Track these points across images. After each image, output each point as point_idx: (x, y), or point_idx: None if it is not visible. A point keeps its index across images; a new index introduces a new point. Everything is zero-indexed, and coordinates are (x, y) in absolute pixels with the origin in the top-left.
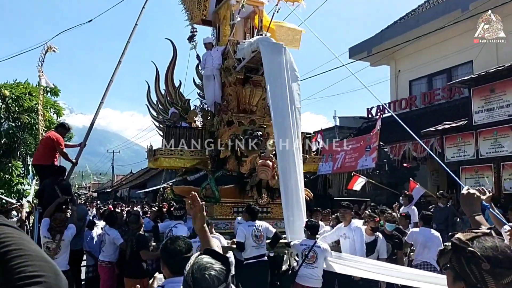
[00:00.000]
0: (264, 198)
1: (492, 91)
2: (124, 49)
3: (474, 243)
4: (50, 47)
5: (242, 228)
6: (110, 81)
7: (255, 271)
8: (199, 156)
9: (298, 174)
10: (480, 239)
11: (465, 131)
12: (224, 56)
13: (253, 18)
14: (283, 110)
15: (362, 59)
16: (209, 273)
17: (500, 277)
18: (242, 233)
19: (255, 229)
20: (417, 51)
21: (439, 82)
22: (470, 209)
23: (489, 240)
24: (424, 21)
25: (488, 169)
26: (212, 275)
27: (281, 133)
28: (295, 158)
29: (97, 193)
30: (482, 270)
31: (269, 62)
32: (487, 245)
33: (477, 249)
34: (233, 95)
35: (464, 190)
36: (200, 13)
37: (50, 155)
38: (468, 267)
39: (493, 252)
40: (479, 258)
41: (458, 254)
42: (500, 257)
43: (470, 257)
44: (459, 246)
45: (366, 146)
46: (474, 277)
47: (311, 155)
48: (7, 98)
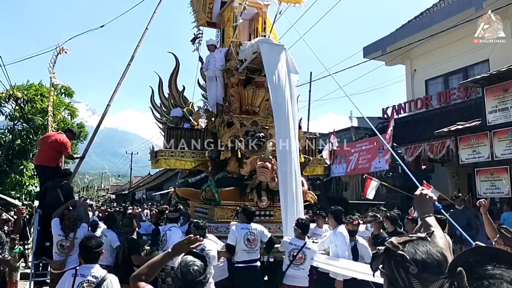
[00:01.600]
0: (264, 200)
1: (506, 90)
2: (133, 53)
3: (406, 247)
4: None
5: (234, 231)
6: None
7: (245, 276)
8: (200, 158)
9: (297, 176)
10: (413, 243)
11: (479, 132)
12: (227, 57)
13: (257, 19)
14: (283, 111)
15: (377, 58)
16: (192, 268)
17: (428, 282)
18: (234, 235)
19: (248, 232)
20: (433, 50)
21: (455, 81)
22: (422, 210)
23: (422, 244)
24: (438, 20)
25: (504, 171)
26: (195, 269)
27: (282, 133)
28: (294, 159)
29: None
30: (410, 274)
31: (269, 63)
32: (418, 249)
33: (407, 253)
34: (235, 96)
35: (417, 191)
36: (205, 16)
37: (55, 158)
38: (397, 271)
39: (422, 256)
40: (407, 261)
41: (389, 258)
42: (428, 261)
43: (400, 260)
44: (390, 249)
45: (379, 148)
46: (402, 281)
47: (317, 156)
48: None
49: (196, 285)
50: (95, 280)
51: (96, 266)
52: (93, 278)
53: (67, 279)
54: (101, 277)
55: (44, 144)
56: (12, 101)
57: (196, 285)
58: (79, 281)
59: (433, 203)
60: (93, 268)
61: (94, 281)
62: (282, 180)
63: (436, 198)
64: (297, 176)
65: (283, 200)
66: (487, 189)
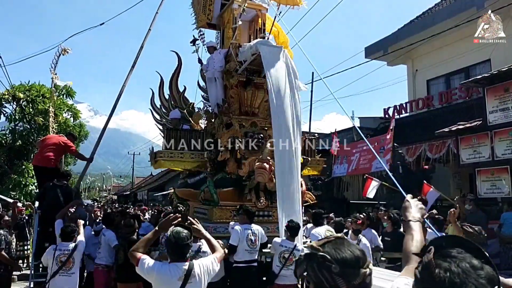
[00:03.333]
0: (262, 201)
1: (507, 90)
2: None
3: (325, 248)
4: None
5: (237, 231)
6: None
7: (244, 275)
8: (199, 159)
9: (296, 176)
10: (332, 243)
11: (480, 132)
12: (227, 59)
13: (256, 21)
14: (282, 111)
15: (378, 58)
16: (181, 234)
17: (351, 277)
18: (237, 236)
19: (251, 233)
20: (434, 50)
21: (457, 81)
22: (411, 214)
23: (339, 242)
24: (440, 20)
25: (505, 171)
26: (183, 235)
27: (280, 134)
28: (293, 159)
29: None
30: (333, 273)
31: (268, 63)
32: (337, 248)
33: (327, 253)
34: (235, 98)
35: (408, 197)
36: (205, 17)
37: (56, 159)
38: (320, 273)
39: (342, 255)
40: (328, 261)
41: (311, 261)
42: (347, 257)
43: (321, 262)
44: (311, 253)
45: (380, 148)
46: (326, 282)
47: (315, 157)
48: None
49: (185, 247)
50: (68, 251)
51: (70, 243)
52: (67, 251)
53: (49, 252)
54: (72, 248)
55: (44, 145)
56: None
57: (185, 247)
58: (57, 254)
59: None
60: (68, 245)
61: (68, 252)
62: (279, 180)
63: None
64: (296, 177)
65: (280, 201)
66: (488, 189)
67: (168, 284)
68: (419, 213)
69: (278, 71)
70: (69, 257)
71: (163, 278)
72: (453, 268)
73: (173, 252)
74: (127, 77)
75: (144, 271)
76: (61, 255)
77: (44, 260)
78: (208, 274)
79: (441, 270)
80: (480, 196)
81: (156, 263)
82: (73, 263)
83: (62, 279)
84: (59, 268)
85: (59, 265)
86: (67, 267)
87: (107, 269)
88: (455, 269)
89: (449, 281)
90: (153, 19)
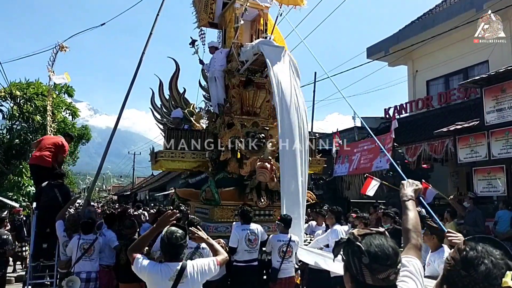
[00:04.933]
0: (263, 200)
1: (503, 91)
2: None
3: (364, 239)
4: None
5: (236, 232)
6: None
7: (244, 274)
8: (200, 159)
9: (302, 176)
10: (371, 237)
11: (477, 132)
12: (228, 58)
13: (258, 21)
14: (287, 111)
15: (380, 59)
16: (175, 234)
17: (376, 272)
18: (235, 237)
19: (249, 233)
20: (434, 51)
21: (456, 82)
22: (406, 193)
23: (378, 238)
24: (439, 21)
25: (500, 170)
26: (177, 236)
27: (284, 133)
28: (296, 159)
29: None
30: (362, 264)
31: (272, 62)
32: (373, 242)
33: (363, 245)
34: (236, 97)
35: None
36: (207, 16)
37: (53, 159)
38: (352, 259)
39: (375, 249)
40: (361, 252)
41: (348, 247)
42: (379, 254)
43: (355, 250)
44: (351, 240)
45: (380, 147)
46: (355, 269)
47: (316, 157)
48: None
49: (179, 247)
50: (90, 241)
51: (91, 234)
52: (89, 240)
53: (74, 241)
54: (93, 239)
55: (42, 145)
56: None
57: (179, 248)
58: (81, 242)
59: (419, 193)
60: (90, 236)
61: (90, 241)
62: (283, 180)
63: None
64: (300, 176)
65: (283, 200)
66: (484, 188)
67: (159, 284)
68: (412, 192)
69: (282, 71)
70: (91, 246)
71: (154, 278)
72: (478, 248)
73: (166, 252)
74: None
75: (137, 270)
76: (84, 244)
77: (68, 250)
78: (202, 274)
79: (467, 247)
80: (477, 195)
81: (150, 263)
82: (93, 250)
83: (85, 263)
84: (82, 254)
85: (82, 251)
86: (89, 254)
87: (108, 269)
88: (479, 248)
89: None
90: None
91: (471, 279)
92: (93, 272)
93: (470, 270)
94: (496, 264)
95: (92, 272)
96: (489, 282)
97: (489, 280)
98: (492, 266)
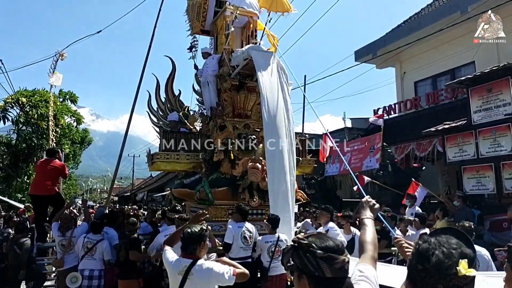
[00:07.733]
0: (255, 200)
1: (489, 90)
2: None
3: (309, 239)
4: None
5: (231, 229)
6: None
7: None
8: (194, 160)
9: (289, 175)
10: (315, 236)
11: (465, 131)
12: (220, 63)
13: (248, 27)
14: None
15: (368, 62)
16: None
17: (333, 261)
18: (231, 234)
19: (245, 230)
20: (421, 53)
21: (443, 82)
22: (365, 212)
23: (321, 236)
24: (426, 24)
25: (489, 168)
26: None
27: (271, 134)
28: (284, 159)
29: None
30: (317, 258)
31: (259, 67)
32: (319, 240)
33: (312, 242)
34: (228, 101)
35: (365, 198)
36: (199, 24)
37: (56, 185)
38: (306, 258)
39: (324, 243)
40: (313, 248)
41: (297, 250)
42: (330, 245)
43: (307, 249)
44: (300, 242)
45: (370, 147)
46: (311, 266)
47: (306, 157)
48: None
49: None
50: (94, 241)
51: (98, 234)
52: (93, 240)
53: (80, 240)
54: (97, 239)
55: (40, 172)
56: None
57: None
58: (86, 241)
59: (377, 211)
60: (95, 236)
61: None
62: (271, 179)
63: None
64: (288, 176)
65: (272, 199)
66: (474, 186)
67: (172, 277)
68: (370, 212)
69: (270, 74)
70: (94, 246)
71: (169, 270)
72: (431, 240)
73: (182, 247)
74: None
75: (164, 261)
76: (88, 243)
77: (76, 248)
78: (210, 276)
79: (420, 241)
80: (466, 193)
81: (172, 257)
82: (95, 251)
83: (88, 262)
84: (85, 253)
85: (86, 250)
86: (91, 253)
87: (109, 266)
88: (431, 240)
89: (422, 248)
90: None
91: (426, 272)
92: (96, 270)
93: (424, 262)
94: (448, 254)
95: (95, 270)
96: (442, 272)
97: (442, 270)
98: (443, 257)
